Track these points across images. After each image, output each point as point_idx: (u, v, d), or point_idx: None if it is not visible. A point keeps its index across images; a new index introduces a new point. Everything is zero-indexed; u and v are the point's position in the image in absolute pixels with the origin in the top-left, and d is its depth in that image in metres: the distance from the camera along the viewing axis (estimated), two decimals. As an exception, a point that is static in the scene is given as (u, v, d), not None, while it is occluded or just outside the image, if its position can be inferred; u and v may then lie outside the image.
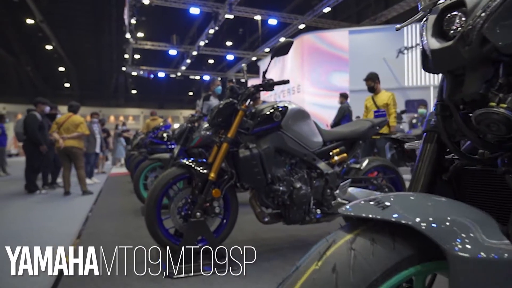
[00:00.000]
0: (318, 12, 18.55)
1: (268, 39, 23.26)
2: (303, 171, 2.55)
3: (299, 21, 19.99)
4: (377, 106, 5.03)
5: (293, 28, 20.67)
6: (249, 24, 24.17)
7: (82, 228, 3.50)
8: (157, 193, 2.29)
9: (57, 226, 3.61)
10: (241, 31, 27.35)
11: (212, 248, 2.17)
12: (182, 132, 4.19)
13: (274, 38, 22.30)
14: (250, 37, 26.60)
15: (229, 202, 2.47)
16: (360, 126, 2.78)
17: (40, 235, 3.25)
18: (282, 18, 20.37)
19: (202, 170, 2.32)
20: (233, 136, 2.36)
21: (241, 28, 25.74)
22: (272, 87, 2.33)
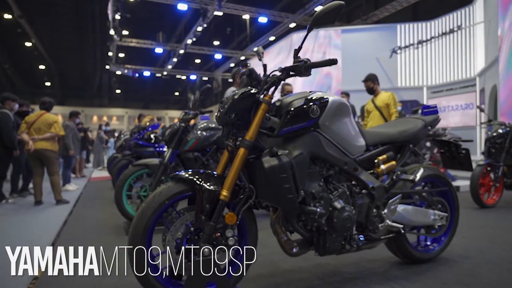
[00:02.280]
0: (310, 10, 18.05)
1: (257, 38, 22.65)
2: (344, 185, 1.91)
3: (289, 19, 19.46)
4: (377, 108, 4.48)
5: (284, 27, 20.13)
6: (237, 22, 23.51)
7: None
8: (146, 222, 1.61)
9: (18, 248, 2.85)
10: (229, 30, 26.68)
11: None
12: (174, 133, 3.51)
13: (264, 37, 21.71)
14: (238, 36, 25.95)
15: (245, 229, 1.81)
16: (411, 126, 2.17)
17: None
18: (273, 16, 19.80)
19: (211, 186, 1.66)
20: (254, 139, 1.70)
21: (230, 26, 25.06)
22: (309, 70, 1.68)
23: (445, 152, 2.52)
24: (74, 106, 24.77)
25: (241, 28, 24.41)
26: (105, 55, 26.26)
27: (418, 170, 2.14)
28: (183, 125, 3.54)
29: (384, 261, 2.38)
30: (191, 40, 21.37)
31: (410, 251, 2.23)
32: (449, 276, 2.08)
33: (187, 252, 1.65)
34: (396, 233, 2.10)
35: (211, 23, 20.35)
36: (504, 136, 4.21)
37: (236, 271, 1.75)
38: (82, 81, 31.76)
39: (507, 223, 3.43)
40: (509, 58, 8.75)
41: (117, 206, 3.51)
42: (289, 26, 19.67)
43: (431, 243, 2.37)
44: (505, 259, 2.36)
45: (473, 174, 4.09)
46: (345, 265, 2.31)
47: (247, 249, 1.79)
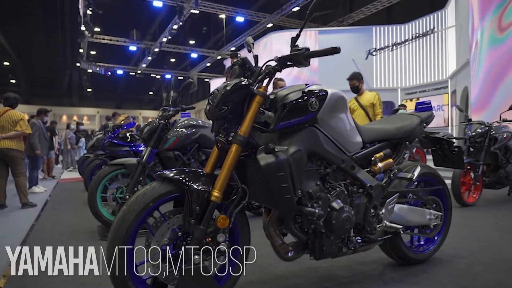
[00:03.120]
0: (287, 11, 18.08)
1: (233, 38, 22.48)
2: (341, 184, 1.80)
3: (267, 19, 19.42)
4: (362, 107, 4.46)
5: (261, 27, 20.07)
6: (214, 21, 23.25)
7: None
8: (128, 227, 1.42)
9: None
10: (205, 29, 26.36)
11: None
12: (153, 130, 3.30)
13: (240, 36, 21.57)
14: (215, 35, 25.67)
15: (237, 233, 1.65)
16: (408, 122, 2.08)
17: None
18: (250, 16, 19.70)
19: (201, 186, 1.50)
20: (247, 134, 1.56)
21: (206, 25, 24.75)
22: (308, 60, 1.55)
23: (436, 150, 2.46)
24: (41, 105, 23.69)
25: (217, 27, 24.16)
26: (76, 52, 25.26)
27: (415, 168, 2.05)
28: (163, 122, 3.33)
29: (377, 263, 2.29)
30: (166, 38, 20.91)
31: (405, 252, 2.15)
32: (446, 277, 2.01)
33: (174, 260, 1.48)
34: (393, 234, 2.02)
35: (187, 21, 19.98)
36: (484, 136, 4.27)
37: (228, 280, 1.60)
38: (50, 79, 30.46)
39: (489, 221, 3.44)
40: (480, 62, 9.04)
41: (90, 209, 3.26)
42: (266, 26, 19.62)
43: (425, 243, 2.31)
44: (498, 258, 2.32)
45: (454, 173, 4.11)
46: (338, 268, 2.20)
47: (240, 256, 1.64)
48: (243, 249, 1.65)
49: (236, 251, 1.63)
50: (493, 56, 8.09)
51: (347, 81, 4.59)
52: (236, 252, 1.62)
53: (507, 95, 7.35)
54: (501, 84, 7.59)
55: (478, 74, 9.08)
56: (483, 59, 8.73)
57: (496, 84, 7.78)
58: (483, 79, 8.72)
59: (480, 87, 8.93)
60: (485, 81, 8.37)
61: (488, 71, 8.32)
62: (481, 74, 8.75)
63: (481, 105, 8.84)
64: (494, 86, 7.81)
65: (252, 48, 1.84)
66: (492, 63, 8.24)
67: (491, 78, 8.16)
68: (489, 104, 8.34)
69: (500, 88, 7.61)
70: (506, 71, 7.60)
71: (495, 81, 7.96)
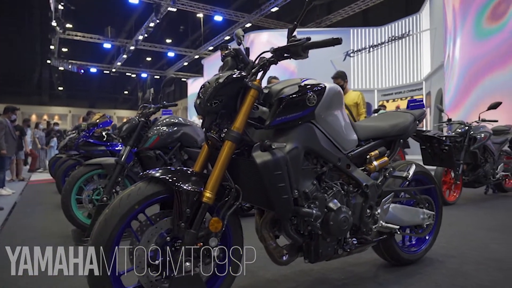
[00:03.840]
0: (266, 11, 18.07)
1: (212, 37, 22.26)
2: (337, 183, 1.72)
3: (245, 19, 19.35)
4: (346, 106, 4.46)
5: (239, 27, 19.91)
6: (192, 20, 22.94)
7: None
8: (111, 233, 1.28)
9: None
10: (182, 28, 25.99)
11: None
12: (133, 128, 3.13)
13: (218, 36, 21.39)
14: (192, 34, 25.34)
15: (230, 236, 1.54)
16: (402, 120, 2.03)
17: None
18: (228, 15, 19.57)
19: (192, 186, 1.37)
20: (242, 131, 1.45)
21: (184, 23, 24.39)
22: (307, 51, 1.46)
23: (426, 149, 2.44)
24: (9, 104, 22.61)
25: (195, 26, 23.86)
26: (46, 49, 24.28)
27: (410, 166, 2.01)
28: (143, 120, 3.17)
29: (370, 264, 2.23)
30: (142, 36, 20.44)
31: (398, 253, 2.10)
32: (440, 278, 1.98)
33: (163, 267, 1.35)
34: (388, 235, 1.96)
35: (164, 19, 19.61)
36: (464, 135, 4.33)
37: (221, 286, 1.49)
38: (19, 76, 29.14)
39: (471, 220, 3.48)
40: (453, 65, 9.29)
41: (64, 212, 3.05)
42: (245, 26, 19.53)
43: (417, 243, 2.27)
44: (487, 257, 2.32)
45: (436, 172, 4.14)
46: (330, 271, 2.12)
47: (233, 262, 1.53)
48: (237, 254, 1.53)
49: (229, 256, 1.52)
50: (469, 59, 8.33)
51: (331, 79, 4.56)
52: (229, 257, 1.51)
53: (481, 97, 7.58)
54: (476, 87, 7.81)
55: (453, 77, 9.34)
56: (458, 62, 8.99)
57: (470, 86, 8.00)
58: (457, 81, 8.98)
59: (455, 89, 9.19)
60: (460, 84, 8.60)
61: (463, 74, 8.55)
62: (456, 77, 9.00)
63: (455, 106, 9.10)
64: (469, 88, 8.04)
65: (242, 40, 1.73)
66: (468, 66, 8.48)
67: (466, 80, 8.40)
68: (463, 105, 8.58)
69: (474, 90, 7.84)
70: (482, 74, 7.84)
71: (470, 83, 8.19)
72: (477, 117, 4.61)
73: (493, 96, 6.80)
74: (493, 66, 7.19)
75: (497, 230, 3.03)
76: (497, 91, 6.97)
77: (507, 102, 4.67)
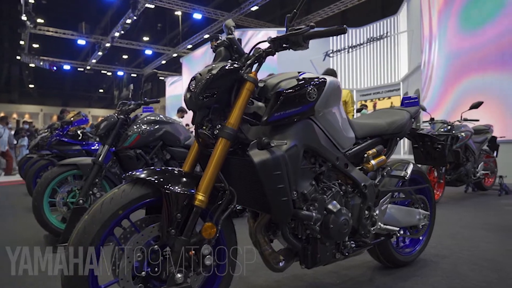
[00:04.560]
0: (245, 10, 17.96)
1: (190, 35, 21.93)
2: (335, 184, 1.62)
3: (225, 17, 19.13)
4: None
5: (219, 25, 19.75)
6: (170, 17, 22.52)
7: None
8: (92, 241, 1.12)
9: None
10: (160, 25, 25.49)
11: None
12: (111, 126, 2.94)
13: (198, 34, 21.10)
14: (171, 32, 24.88)
15: (224, 243, 1.41)
16: (399, 117, 1.96)
17: None
18: (208, 13, 19.31)
19: (183, 188, 1.24)
20: (237, 127, 1.33)
21: (162, 20, 23.91)
22: (308, 41, 1.35)
23: (418, 147, 2.39)
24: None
25: (173, 23, 23.44)
26: (16, 44, 23.22)
27: (407, 165, 1.94)
28: (122, 118, 2.98)
29: (364, 267, 2.16)
30: (118, 33, 19.88)
31: (394, 255, 2.04)
32: (437, 280, 1.92)
33: (148, 280, 1.21)
34: (385, 237, 1.88)
35: (141, 16, 19.15)
36: (446, 135, 4.36)
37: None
38: (-14, 73, 27.77)
39: (456, 218, 3.49)
40: (433, 66, 9.47)
41: (35, 215, 2.83)
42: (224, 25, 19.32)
43: (411, 245, 2.21)
44: (479, 257, 2.29)
45: (420, 171, 4.15)
46: (324, 275, 2.03)
47: (225, 265, 1.40)
48: (230, 262, 1.41)
49: (222, 264, 1.39)
50: (447, 60, 8.50)
51: None
52: (222, 266, 1.39)
53: (461, 97, 7.74)
54: (456, 87, 7.97)
55: (433, 77, 9.52)
56: (437, 63, 9.16)
57: (450, 87, 8.15)
58: (435, 83, 9.15)
59: (433, 90, 9.36)
60: (440, 84, 8.76)
61: (442, 74, 8.72)
62: (436, 77, 9.17)
63: (436, 105, 9.27)
64: (447, 90, 8.20)
65: (233, 32, 1.61)
66: (447, 67, 8.66)
67: (446, 81, 8.56)
68: (444, 105, 8.74)
69: (455, 90, 7.99)
70: (460, 76, 8.01)
71: (450, 83, 8.35)
72: (459, 117, 4.67)
73: (473, 96, 6.95)
74: (472, 69, 7.36)
75: (483, 229, 3.04)
76: (475, 91, 7.13)
77: (488, 101, 4.75)
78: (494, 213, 3.69)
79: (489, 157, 5.04)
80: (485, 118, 5.21)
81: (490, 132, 4.97)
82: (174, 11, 19.67)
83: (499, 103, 6.55)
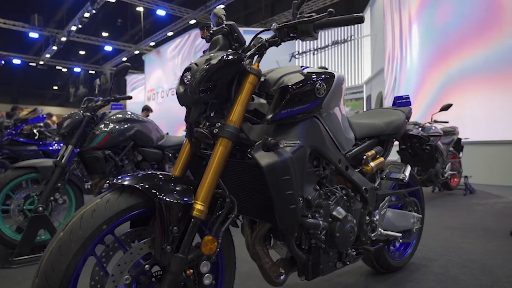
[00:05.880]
0: (211, 8, 17.66)
1: (153, 32, 21.23)
2: (337, 188, 1.50)
3: (190, 15, 18.72)
4: None
5: (183, 23, 19.29)
6: (131, 12, 21.66)
7: None
8: (69, 265, 0.91)
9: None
10: (120, 21, 24.46)
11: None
12: (76, 125, 2.65)
13: (161, 31, 20.48)
14: (132, 28, 23.95)
15: (221, 258, 1.24)
16: (396, 117, 1.88)
17: None
18: (172, 10, 18.76)
19: (179, 197, 1.05)
20: (239, 125, 1.17)
21: (123, 16, 22.94)
22: (318, 31, 1.20)
23: (406, 148, 2.34)
24: None
25: (135, 19, 22.57)
26: (-42, 35, 21.27)
27: (404, 167, 1.87)
28: (89, 115, 2.70)
29: (355, 273, 2.06)
30: (76, 27, 18.80)
31: (388, 261, 1.96)
32: (432, 285, 1.86)
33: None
34: (384, 243, 1.80)
35: (100, 10, 18.24)
36: (435, 135, 4.43)
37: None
38: None
39: (432, 219, 3.52)
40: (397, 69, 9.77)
41: (-15, 226, 2.48)
42: (189, 23, 18.90)
43: (403, 249, 2.15)
44: (466, 259, 2.28)
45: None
46: (316, 284, 1.91)
47: (223, 281, 1.23)
48: (230, 278, 1.24)
49: (220, 281, 1.22)
50: (415, 61, 8.77)
51: None
52: (220, 283, 1.21)
53: (421, 103, 8.01)
54: (423, 89, 8.23)
55: (395, 81, 9.81)
56: (404, 65, 9.45)
57: (419, 91, 8.40)
58: (399, 85, 9.44)
59: (402, 93, 9.63)
60: (408, 88, 9.03)
61: (410, 77, 8.99)
62: (398, 81, 9.45)
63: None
64: (417, 92, 8.44)
65: (223, 21, 1.44)
66: (411, 70, 8.94)
67: (414, 83, 8.83)
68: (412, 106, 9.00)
69: (421, 93, 8.25)
70: (422, 80, 8.29)
71: (414, 87, 8.63)
72: (430, 118, 4.78)
73: (439, 98, 7.21)
74: (437, 69, 7.64)
75: (461, 229, 3.07)
76: (441, 92, 7.40)
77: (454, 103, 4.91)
78: (467, 213, 3.78)
79: (455, 158, 5.21)
80: (455, 121, 5.38)
81: (456, 134, 5.14)
82: (136, 7, 18.93)
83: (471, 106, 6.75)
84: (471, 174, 5.34)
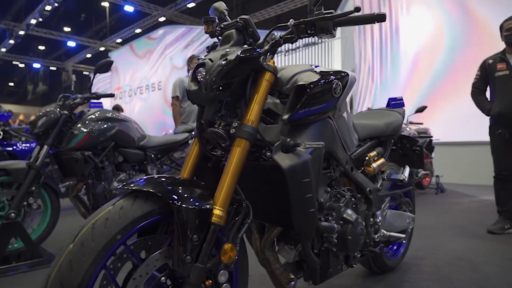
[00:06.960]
0: (182, 6, 17.36)
1: (120, 28, 20.54)
2: (345, 190, 1.48)
3: (159, 12, 18.29)
4: None
5: (152, 20, 18.82)
6: (96, 7, 20.83)
7: None
8: (81, 282, 0.80)
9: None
10: (84, 16, 23.46)
11: None
12: (52, 124, 2.47)
13: (128, 28, 19.87)
14: (97, 24, 23.04)
15: (236, 265, 1.17)
16: (395, 118, 1.90)
17: None
18: (140, 7, 18.24)
19: (199, 203, 0.98)
20: (256, 125, 1.10)
21: (87, 11, 22.01)
22: (336, 28, 1.16)
23: (396, 149, 2.37)
24: None
25: (100, 15, 21.72)
26: None
27: (404, 168, 1.88)
28: (66, 113, 2.52)
29: (352, 275, 2.06)
30: (36, 20, 17.81)
31: (384, 261, 1.97)
32: (428, 284, 1.89)
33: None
34: (385, 244, 1.80)
35: (63, 3, 17.39)
36: (425, 137, 4.54)
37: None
38: None
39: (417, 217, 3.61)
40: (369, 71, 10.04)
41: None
42: (158, 20, 18.46)
43: (396, 248, 2.17)
44: (452, 256, 2.35)
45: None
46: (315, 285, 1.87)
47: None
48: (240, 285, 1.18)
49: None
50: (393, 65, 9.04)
51: None
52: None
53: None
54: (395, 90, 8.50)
55: (373, 81, 10.07)
56: (373, 69, 9.72)
57: (389, 94, 8.66)
58: (376, 88, 9.70)
59: (373, 96, 9.89)
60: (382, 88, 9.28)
61: (385, 80, 9.25)
62: (376, 82, 9.71)
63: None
64: (386, 95, 8.70)
65: (225, 16, 1.38)
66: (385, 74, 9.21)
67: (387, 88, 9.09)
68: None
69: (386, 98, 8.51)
70: (396, 85, 8.56)
71: (389, 91, 8.88)
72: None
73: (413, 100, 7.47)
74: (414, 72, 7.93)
75: (439, 228, 3.17)
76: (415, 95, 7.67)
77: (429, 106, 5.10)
78: (443, 211, 3.92)
79: (427, 158, 5.40)
80: (429, 121, 5.58)
81: (428, 135, 5.33)
82: (101, 1, 18.24)
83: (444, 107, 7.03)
84: (442, 173, 5.55)
